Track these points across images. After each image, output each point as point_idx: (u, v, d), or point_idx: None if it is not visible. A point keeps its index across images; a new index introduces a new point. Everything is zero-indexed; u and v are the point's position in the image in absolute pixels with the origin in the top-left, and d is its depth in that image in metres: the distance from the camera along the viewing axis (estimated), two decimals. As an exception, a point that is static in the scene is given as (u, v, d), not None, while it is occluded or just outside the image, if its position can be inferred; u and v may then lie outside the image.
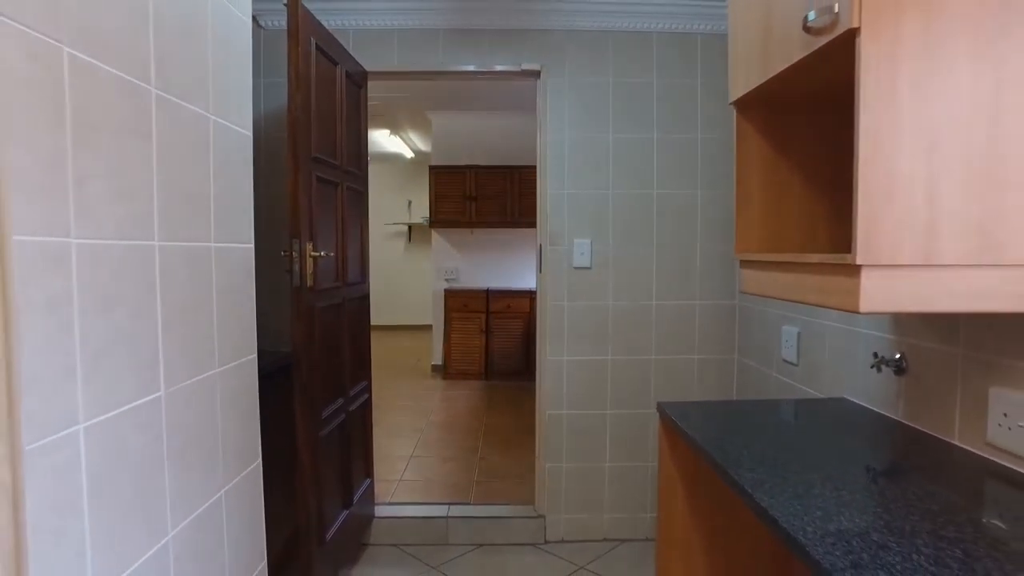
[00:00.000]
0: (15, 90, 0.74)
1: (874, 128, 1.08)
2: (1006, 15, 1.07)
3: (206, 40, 1.23)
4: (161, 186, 1.07)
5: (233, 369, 1.35)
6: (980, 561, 0.91)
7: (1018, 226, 1.09)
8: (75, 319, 0.86)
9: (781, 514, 1.08)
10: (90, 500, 0.89)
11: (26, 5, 0.76)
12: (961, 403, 1.46)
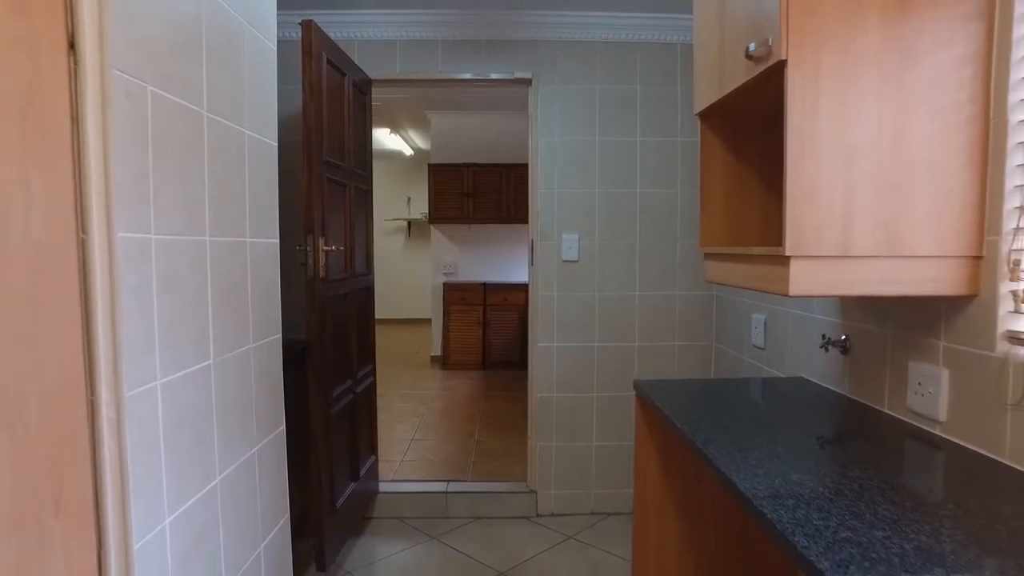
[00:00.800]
0: (118, 122, 0.97)
1: (799, 143, 1.31)
2: (906, 53, 1.31)
3: (243, 66, 1.46)
4: (211, 191, 1.30)
5: (264, 345, 1.59)
6: (869, 490, 1.15)
7: (916, 225, 1.33)
8: (154, 299, 1.09)
9: (720, 459, 1.32)
10: (166, 442, 1.12)
11: (124, 56, 0.99)
12: (889, 376, 1.69)
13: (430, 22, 2.95)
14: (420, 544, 2.91)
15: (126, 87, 0.98)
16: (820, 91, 1.31)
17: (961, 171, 1.34)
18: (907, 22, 1.30)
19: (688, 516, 2.20)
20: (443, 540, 2.94)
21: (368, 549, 2.85)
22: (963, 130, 1.33)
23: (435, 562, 2.74)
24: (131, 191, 1.01)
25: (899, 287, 1.36)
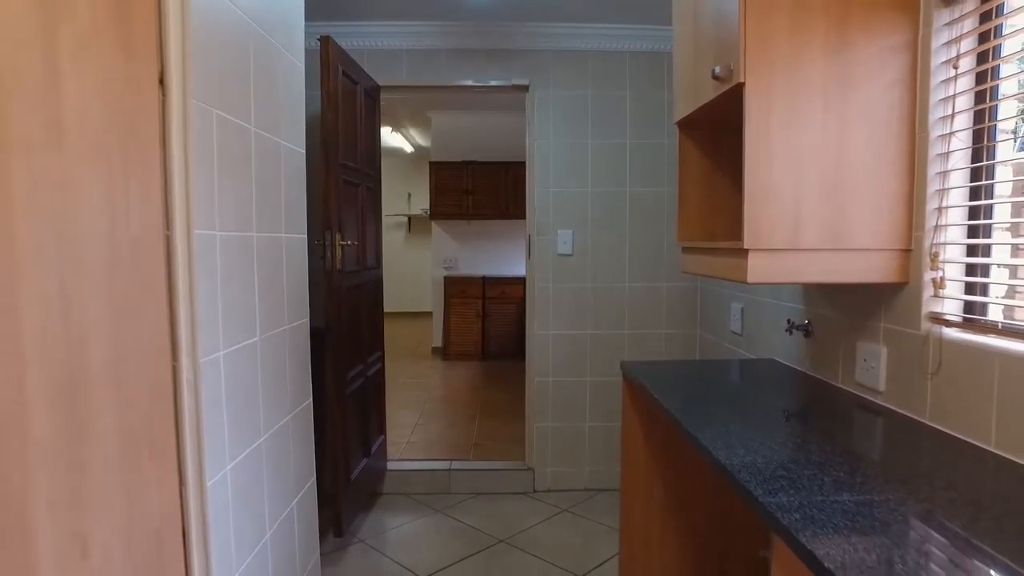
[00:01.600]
0: (194, 141, 1.20)
1: (755, 153, 1.55)
2: (845, 78, 1.54)
3: (279, 85, 1.69)
4: (256, 193, 1.54)
5: (296, 327, 1.82)
6: (808, 445, 1.39)
7: (855, 222, 1.57)
8: (218, 284, 1.32)
9: (687, 421, 1.57)
10: (226, 403, 1.36)
11: (199, 88, 1.22)
12: (842, 355, 1.93)
13: (434, 32, 3.17)
14: (426, 516, 3.15)
15: (200, 113, 1.22)
16: (773, 109, 1.55)
17: (892, 177, 1.58)
18: (846, 52, 1.54)
19: (670, 482, 2.45)
20: (447, 513, 3.19)
21: (379, 521, 3.10)
22: (893, 143, 1.57)
23: (441, 531, 2.99)
24: (203, 196, 1.25)
25: (842, 276, 1.60)
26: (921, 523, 1.01)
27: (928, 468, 1.27)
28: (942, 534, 0.97)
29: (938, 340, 1.51)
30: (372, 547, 2.84)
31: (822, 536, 0.95)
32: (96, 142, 1.06)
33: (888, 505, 1.07)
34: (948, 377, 1.47)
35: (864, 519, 1.01)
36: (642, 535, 2.46)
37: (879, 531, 0.97)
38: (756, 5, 1.52)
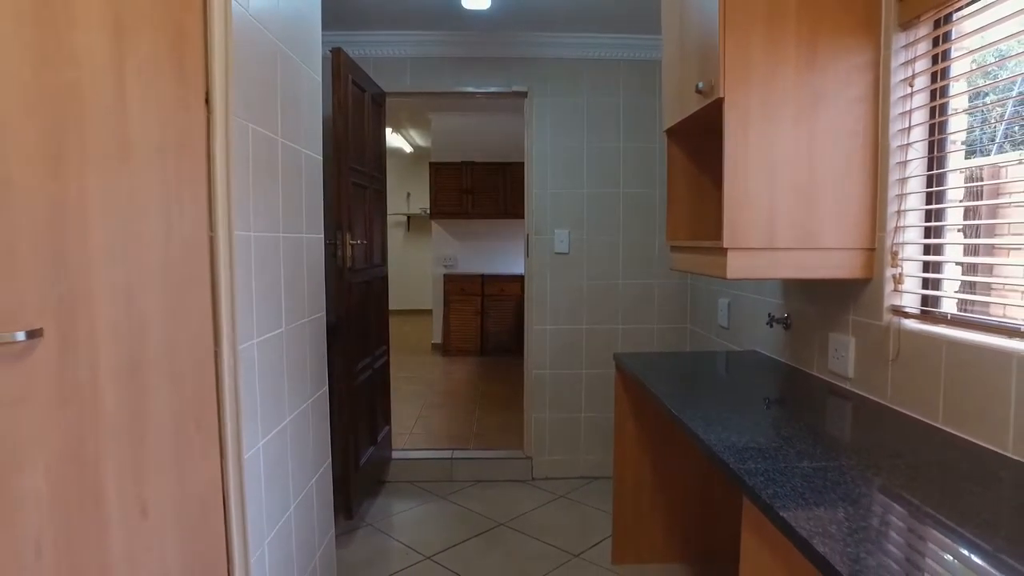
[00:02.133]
0: (234, 153, 1.36)
1: (733, 161, 1.72)
2: (815, 94, 1.71)
3: (301, 97, 1.85)
4: (283, 197, 1.70)
5: (314, 320, 1.98)
6: (779, 423, 1.56)
7: (825, 224, 1.74)
8: (252, 280, 1.48)
9: (672, 403, 1.73)
10: (259, 386, 1.52)
11: (238, 106, 1.38)
12: (817, 346, 2.10)
13: (437, 42, 3.33)
14: (430, 502, 3.32)
15: (239, 127, 1.38)
16: (750, 122, 1.71)
17: (857, 184, 1.74)
18: (816, 71, 1.71)
19: (659, 466, 2.62)
20: (450, 499, 3.35)
21: (385, 506, 3.26)
22: (858, 153, 1.74)
23: (444, 515, 3.15)
24: (241, 200, 1.41)
25: (812, 272, 1.77)
26: (864, 483, 1.17)
27: (880, 441, 1.44)
28: (881, 491, 1.14)
29: (897, 330, 1.68)
30: (379, 530, 3.00)
31: (781, 494, 1.12)
32: (155, 155, 1.22)
33: (840, 470, 1.24)
34: (905, 363, 1.64)
35: (818, 480, 1.18)
36: (633, 516, 2.63)
37: (829, 489, 1.14)
38: (734, 28, 1.69)
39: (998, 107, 1.54)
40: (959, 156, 1.61)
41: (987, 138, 1.56)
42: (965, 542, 0.95)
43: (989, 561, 0.89)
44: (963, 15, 1.54)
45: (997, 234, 1.51)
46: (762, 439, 1.44)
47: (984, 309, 1.50)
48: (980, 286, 1.52)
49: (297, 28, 1.80)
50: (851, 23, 1.71)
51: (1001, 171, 1.50)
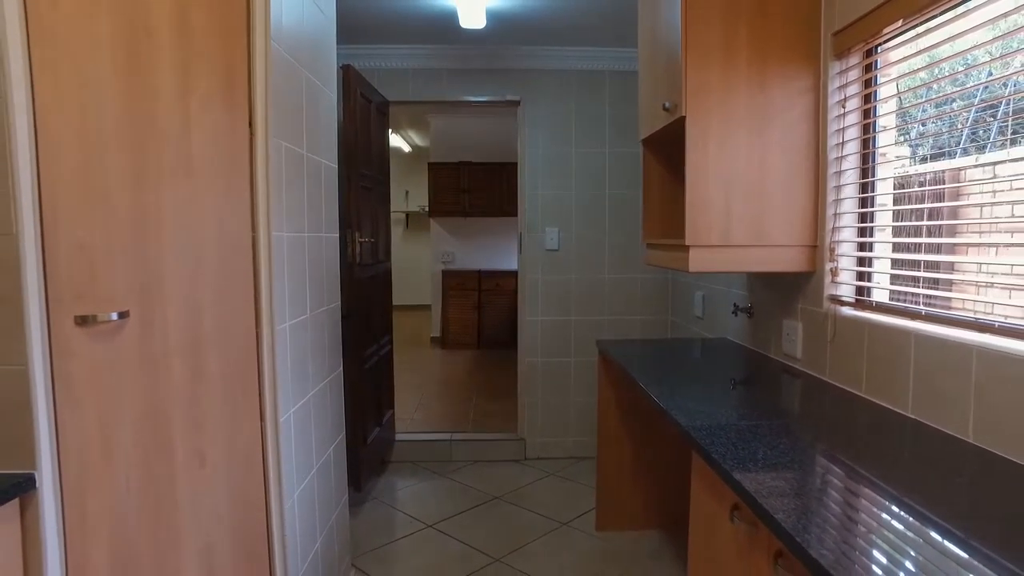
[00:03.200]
0: (271, 167, 1.64)
1: (694, 170, 2.00)
2: (765, 113, 1.99)
3: (320, 114, 2.13)
4: (307, 201, 1.97)
5: (331, 309, 2.26)
6: (733, 395, 1.85)
7: (773, 224, 2.02)
8: (285, 272, 1.76)
9: (643, 380, 2.02)
10: (291, 363, 1.80)
11: (274, 127, 1.65)
12: (774, 331, 2.39)
13: (436, 55, 3.60)
14: (430, 480, 3.60)
15: (275, 146, 1.65)
16: (708, 137, 1.99)
17: (801, 190, 2.03)
18: (765, 94, 1.99)
19: (637, 442, 2.90)
20: (449, 476, 3.64)
21: (390, 483, 3.55)
22: (802, 163, 2.02)
23: (444, 490, 3.44)
24: (276, 206, 1.68)
25: (764, 266, 2.05)
26: (785, 436, 1.46)
27: (811, 408, 1.73)
28: (796, 440, 1.43)
29: (834, 316, 1.96)
30: (385, 503, 3.29)
31: (717, 442, 1.40)
32: (211, 171, 1.50)
33: (769, 427, 1.52)
34: (840, 344, 1.92)
35: (750, 434, 1.47)
36: (614, 488, 2.92)
37: (757, 440, 1.43)
38: (694, 56, 1.97)
39: (919, 124, 1.82)
40: (887, 167, 1.89)
41: (917, 148, 1.85)
42: (857, 475, 1.24)
43: (861, 481, 1.18)
44: (888, 47, 1.82)
45: (926, 232, 1.80)
46: (714, 407, 1.72)
47: (907, 298, 1.79)
48: (905, 277, 1.81)
49: (318, 55, 2.07)
50: (794, 54, 1.99)
51: (924, 178, 1.78)
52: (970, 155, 1.60)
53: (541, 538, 2.90)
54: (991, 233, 1.52)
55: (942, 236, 1.67)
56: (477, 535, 2.92)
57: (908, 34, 1.70)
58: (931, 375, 1.51)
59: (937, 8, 1.54)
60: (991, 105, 1.52)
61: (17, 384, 1.19)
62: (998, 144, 1.50)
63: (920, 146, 1.81)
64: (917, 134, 1.84)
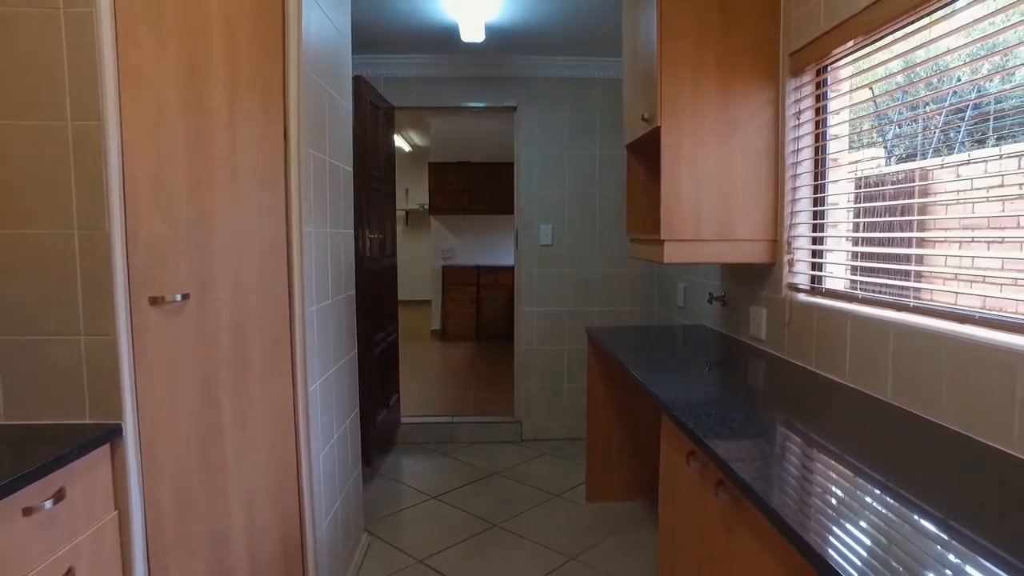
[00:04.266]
0: (304, 172, 1.92)
1: (668, 174, 2.28)
2: (730, 124, 2.27)
3: (339, 124, 2.40)
4: (329, 202, 2.25)
5: (348, 296, 2.54)
6: (704, 373, 2.13)
7: (738, 221, 2.30)
8: (312, 263, 2.04)
9: (626, 361, 2.30)
10: (317, 341, 2.08)
11: (305, 138, 1.93)
12: (743, 317, 2.67)
13: (438, 64, 3.88)
14: (434, 458, 3.89)
15: (304, 154, 1.93)
16: (681, 144, 2.27)
17: (763, 191, 2.31)
18: (730, 107, 2.27)
19: (624, 419, 3.19)
20: (450, 456, 3.92)
21: (396, 461, 3.83)
22: (763, 168, 2.30)
23: (446, 468, 3.73)
24: (306, 206, 1.96)
25: (730, 258, 2.34)
26: (738, 402, 1.75)
27: (764, 379, 2.01)
28: (747, 406, 1.72)
29: (791, 301, 2.25)
30: (392, 478, 3.57)
31: (681, 407, 1.69)
32: (253, 177, 1.78)
33: (726, 395, 1.81)
34: (796, 325, 2.21)
35: (709, 401, 1.75)
36: (602, 462, 3.20)
37: (714, 405, 1.71)
38: (668, 74, 2.24)
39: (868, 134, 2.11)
40: (837, 170, 2.17)
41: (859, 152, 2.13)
42: (792, 427, 1.52)
43: (794, 431, 1.47)
44: (837, 66, 2.10)
45: (864, 228, 2.08)
46: (685, 382, 2.01)
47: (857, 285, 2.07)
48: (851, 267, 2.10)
49: (337, 71, 2.35)
50: (756, 71, 2.27)
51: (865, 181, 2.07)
52: (898, 161, 1.88)
53: (536, 507, 3.18)
54: (920, 231, 1.80)
55: (877, 231, 1.96)
56: (477, 505, 3.20)
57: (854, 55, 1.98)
58: (861, 349, 1.80)
59: (877, 33, 1.82)
60: (918, 118, 1.80)
61: (108, 351, 1.47)
62: (927, 151, 1.78)
63: (859, 150, 2.10)
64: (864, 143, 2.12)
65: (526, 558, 2.68)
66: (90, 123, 1.43)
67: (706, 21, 2.25)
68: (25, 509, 1.21)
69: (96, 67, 1.42)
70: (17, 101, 1.41)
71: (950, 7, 1.54)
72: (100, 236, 1.45)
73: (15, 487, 1.17)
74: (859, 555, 0.89)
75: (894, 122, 1.90)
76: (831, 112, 2.15)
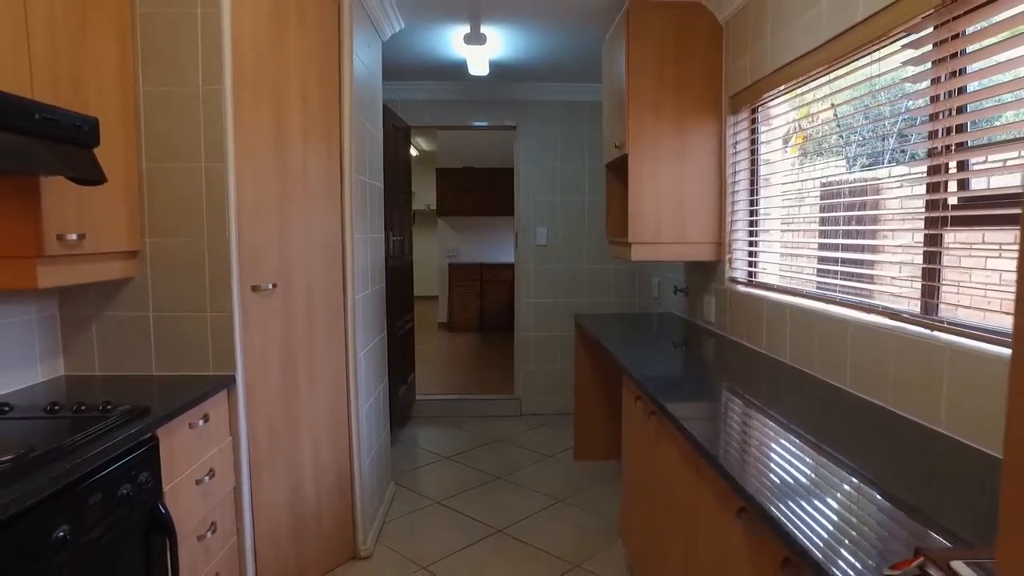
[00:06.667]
0: (353, 192, 2.54)
1: (634, 190, 2.89)
2: (683, 151, 2.88)
3: (373, 150, 3.02)
4: (369, 212, 2.87)
5: (380, 288, 3.16)
6: (666, 348, 2.75)
7: (691, 227, 2.91)
8: (357, 261, 2.66)
9: (604, 339, 2.93)
10: (362, 321, 2.70)
11: (355, 165, 2.55)
12: (698, 304, 3.28)
13: (447, 89, 4.49)
14: (444, 429, 4.51)
15: (354, 179, 2.55)
16: (643, 167, 2.89)
17: (710, 202, 2.92)
18: (684, 136, 2.88)
19: (604, 390, 3.80)
20: (459, 427, 4.55)
21: (412, 431, 4.46)
22: (710, 186, 2.91)
23: (455, 436, 4.35)
24: (354, 217, 2.58)
25: (685, 256, 2.95)
26: (685, 363, 2.37)
27: (704, 348, 2.63)
28: (687, 364, 2.34)
29: (731, 291, 2.86)
30: (409, 445, 4.20)
31: (636, 361, 2.31)
32: (319, 196, 2.40)
33: (674, 359, 2.43)
34: (734, 310, 2.83)
35: (662, 365, 2.37)
36: (587, 426, 3.82)
37: (664, 366, 2.33)
38: (635, 112, 2.85)
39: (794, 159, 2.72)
40: (767, 188, 2.78)
41: (772, 179, 2.74)
42: (715, 380, 2.15)
43: (717, 383, 2.09)
44: (768, 106, 2.71)
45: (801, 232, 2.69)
46: (648, 354, 2.63)
47: (785, 278, 2.69)
48: (781, 266, 2.72)
49: (372, 108, 2.96)
50: (704, 109, 2.89)
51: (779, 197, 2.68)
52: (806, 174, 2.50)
53: (532, 465, 3.81)
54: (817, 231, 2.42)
55: (795, 235, 2.57)
56: (482, 463, 3.83)
57: (776, 100, 2.59)
58: (772, 325, 2.42)
59: (784, 86, 2.44)
60: (824, 137, 2.42)
61: (225, 324, 2.09)
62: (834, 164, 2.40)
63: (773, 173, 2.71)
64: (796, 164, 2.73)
65: (524, 500, 3.30)
66: (216, 164, 2.05)
67: (663, 70, 2.86)
68: (190, 424, 1.83)
69: (220, 126, 2.04)
70: (173, 151, 2.03)
71: (830, 73, 2.16)
72: (221, 243, 2.07)
73: (185, 408, 1.79)
74: (725, 441, 1.52)
75: (812, 147, 2.52)
76: (762, 142, 2.76)
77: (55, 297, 2.07)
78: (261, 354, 2.24)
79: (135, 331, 2.08)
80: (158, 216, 2.05)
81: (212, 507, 1.96)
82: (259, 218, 2.21)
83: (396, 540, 2.86)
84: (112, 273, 1.93)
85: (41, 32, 1.58)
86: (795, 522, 1.07)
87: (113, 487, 1.45)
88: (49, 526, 1.23)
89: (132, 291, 2.08)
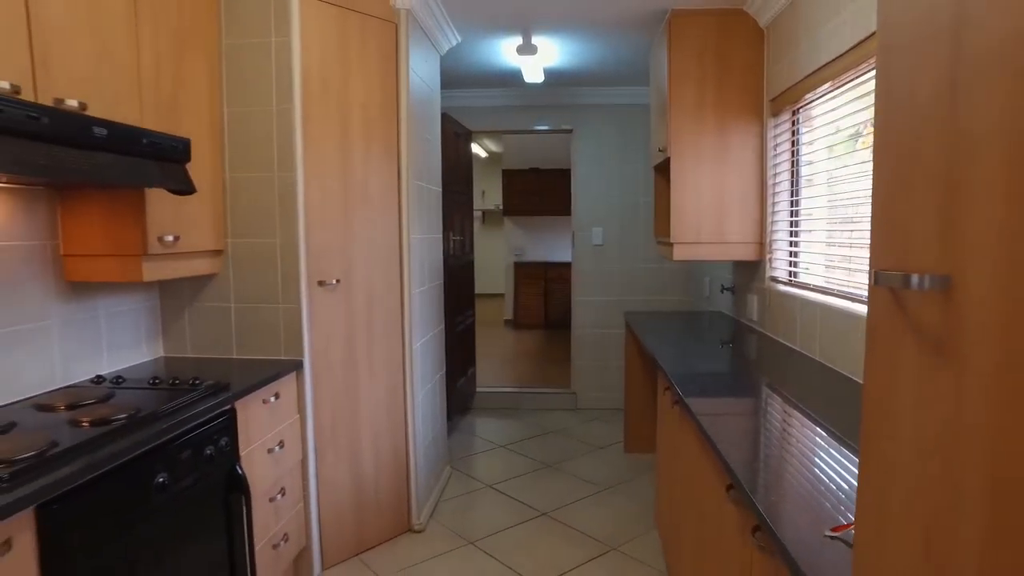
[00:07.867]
0: (411, 196, 2.79)
1: (676, 191, 3.01)
2: (724, 150, 2.97)
3: (431, 156, 3.27)
4: (426, 215, 3.12)
5: (437, 284, 3.41)
6: (714, 348, 2.87)
7: (731, 226, 3.01)
8: (416, 260, 2.91)
9: (646, 340, 3.06)
10: (419, 314, 2.95)
11: (412, 171, 2.80)
12: (743, 303, 3.35)
13: (507, 95, 4.71)
14: (502, 420, 4.74)
15: (411, 183, 2.80)
16: (685, 168, 3.00)
17: (750, 203, 3.00)
18: (725, 138, 2.97)
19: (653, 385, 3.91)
20: (517, 418, 4.76)
21: (470, 421, 4.71)
22: (751, 186, 2.99)
23: (512, 427, 4.57)
24: (413, 219, 2.83)
25: (725, 256, 3.04)
26: (727, 361, 2.48)
27: (749, 346, 2.72)
28: (730, 362, 2.45)
29: (772, 290, 2.94)
30: (467, 433, 4.44)
31: (668, 360, 2.44)
32: (380, 201, 2.66)
33: (717, 356, 2.54)
34: (774, 309, 2.90)
35: (701, 364, 2.49)
36: (637, 421, 3.95)
37: (701, 363, 2.45)
38: (676, 115, 2.97)
39: (817, 163, 2.77)
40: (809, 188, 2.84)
41: (812, 180, 2.80)
42: (747, 374, 2.26)
43: (746, 377, 2.20)
44: (809, 108, 2.78)
45: (813, 234, 2.75)
46: (690, 354, 2.75)
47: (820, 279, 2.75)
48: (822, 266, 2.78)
49: (430, 119, 3.21)
50: (745, 112, 2.97)
51: (813, 200, 2.74)
52: (837, 185, 2.55)
53: (582, 455, 3.97)
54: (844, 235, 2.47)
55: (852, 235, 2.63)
56: (537, 453, 4.02)
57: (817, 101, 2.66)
58: (807, 323, 2.49)
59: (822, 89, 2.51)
60: (842, 156, 2.47)
61: (294, 315, 2.38)
62: (845, 180, 2.45)
63: (820, 176, 2.76)
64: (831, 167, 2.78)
65: (571, 487, 3.48)
66: (288, 174, 2.34)
67: (704, 76, 2.96)
68: (264, 400, 2.12)
69: (291, 140, 2.33)
70: (251, 163, 2.34)
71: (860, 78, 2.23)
72: (292, 244, 2.37)
73: (259, 386, 2.08)
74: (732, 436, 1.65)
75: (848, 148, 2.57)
76: (803, 143, 2.82)
77: (156, 290, 2.42)
78: (326, 341, 2.53)
79: (219, 319, 2.41)
80: (238, 219, 2.37)
81: (281, 474, 2.26)
82: (325, 221, 2.49)
83: (448, 517, 3.11)
84: (201, 269, 2.26)
85: (149, 63, 1.90)
86: (761, 494, 1.21)
87: (200, 446, 1.74)
88: (152, 471, 1.53)
89: (217, 285, 2.40)
